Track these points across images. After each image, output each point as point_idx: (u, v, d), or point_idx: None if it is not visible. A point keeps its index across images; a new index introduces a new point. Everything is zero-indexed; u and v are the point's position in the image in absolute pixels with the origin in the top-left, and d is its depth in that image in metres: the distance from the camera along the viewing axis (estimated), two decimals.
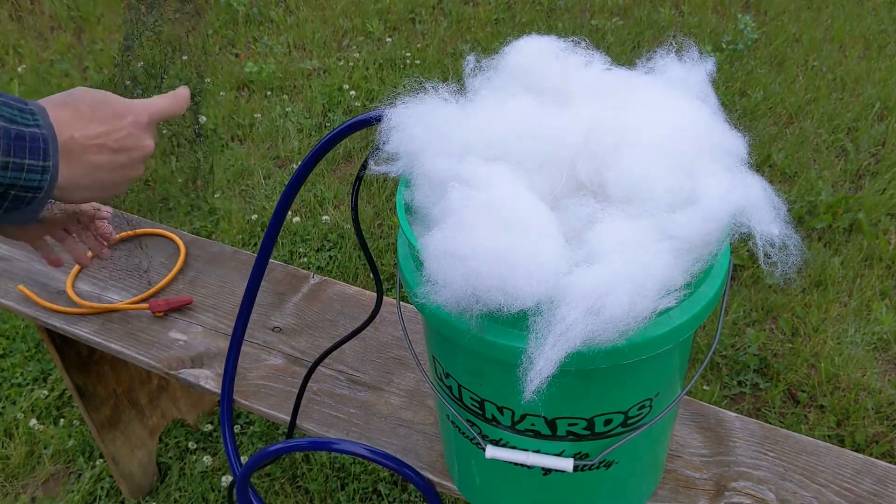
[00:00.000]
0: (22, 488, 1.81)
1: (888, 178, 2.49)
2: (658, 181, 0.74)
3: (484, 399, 0.85)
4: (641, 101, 0.80)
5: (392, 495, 1.68)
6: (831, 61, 3.07)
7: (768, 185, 0.77)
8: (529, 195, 0.75)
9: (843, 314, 2.06)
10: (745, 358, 1.93)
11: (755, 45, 3.18)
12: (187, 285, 1.41)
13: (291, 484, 1.74)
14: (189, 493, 1.76)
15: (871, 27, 3.29)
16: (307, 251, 2.39)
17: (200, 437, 1.86)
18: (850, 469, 1.06)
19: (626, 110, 0.79)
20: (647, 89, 0.83)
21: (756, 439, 1.11)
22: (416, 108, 0.81)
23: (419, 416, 1.17)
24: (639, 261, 0.71)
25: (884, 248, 2.23)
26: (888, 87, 2.89)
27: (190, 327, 1.33)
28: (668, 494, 1.05)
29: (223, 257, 1.48)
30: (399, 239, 0.86)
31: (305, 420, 1.17)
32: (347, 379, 1.24)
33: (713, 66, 0.85)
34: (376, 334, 1.30)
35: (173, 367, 1.26)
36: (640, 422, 0.86)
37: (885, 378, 1.91)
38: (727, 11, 3.43)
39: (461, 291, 0.71)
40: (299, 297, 1.39)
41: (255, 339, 1.31)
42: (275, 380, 1.24)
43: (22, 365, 2.10)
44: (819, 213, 2.34)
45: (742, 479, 1.06)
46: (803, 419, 1.82)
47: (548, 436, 0.85)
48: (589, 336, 0.69)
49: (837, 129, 2.72)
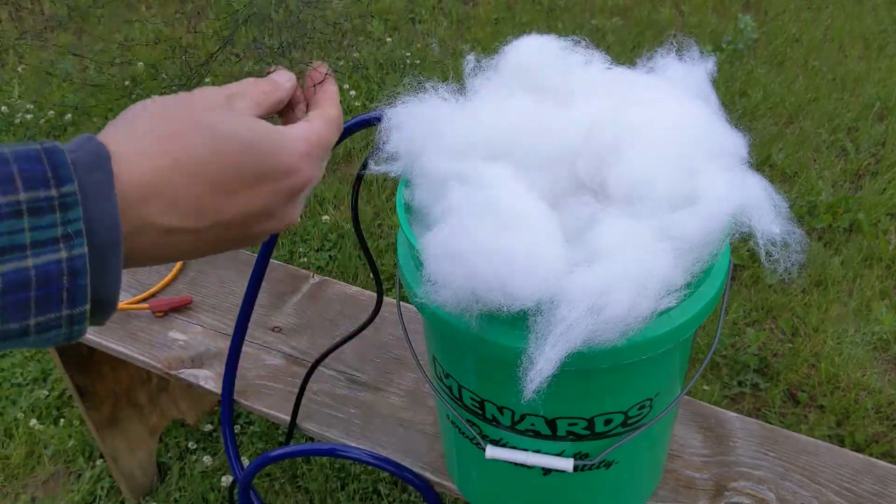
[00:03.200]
0: (22, 488, 1.81)
1: (888, 178, 2.49)
2: (658, 180, 0.74)
3: (484, 399, 0.85)
4: (642, 99, 0.80)
5: (392, 495, 1.68)
6: (831, 61, 3.07)
7: (769, 184, 0.77)
8: (530, 195, 0.75)
9: (843, 314, 2.06)
10: (745, 358, 1.93)
11: (755, 45, 3.18)
12: (187, 285, 1.41)
13: (291, 484, 1.74)
14: (189, 493, 1.76)
15: (871, 27, 3.28)
16: (307, 251, 2.39)
17: (200, 437, 1.86)
18: (850, 469, 1.06)
19: (626, 109, 0.79)
20: (648, 88, 0.83)
21: (756, 439, 1.11)
22: (416, 107, 0.81)
23: (419, 416, 1.17)
24: (639, 260, 0.71)
25: (884, 248, 2.23)
26: (888, 87, 2.89)
27: (190, 327, 1.33)
28: (668, 494, 1.05)
29: (223, 257, 1.48)
30: (399, 239, 0.86)
31: (305, 420, 1.17)
32: (347, 379, 1.24)
33: (713, 66, 0.85)
34: (376, 334, 1.30)
35: (173, 367, 1.26)
36: (640, 422, 0.86)
37: (885, 378, 1.91)
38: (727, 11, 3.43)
39: (461, 291, 0.71)
40: (299, 297, 1.39)
41: (255, 339, 1.31)
42: (275, 380, 1.24)
43: (22, 365, 2.10)
44: (819, 213, 2.34)
45: (742, 479, 1.06)
46: (803, 419, 1.82)
47: (548, 436, 0.85)
48: (589, 336, 0.69)
49: (837, 129, 2.71)
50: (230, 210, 0.44)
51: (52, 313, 0.38)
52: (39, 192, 0.36)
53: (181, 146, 0.42)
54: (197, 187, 0.42)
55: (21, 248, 0.36)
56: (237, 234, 0.47)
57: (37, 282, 0.36)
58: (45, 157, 0.37)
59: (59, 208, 0.36)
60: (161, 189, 0.41)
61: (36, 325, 0.38)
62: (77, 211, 0.37)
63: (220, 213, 0.44)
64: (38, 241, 0.36)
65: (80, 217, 0.37)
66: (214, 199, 0.43)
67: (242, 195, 0.45)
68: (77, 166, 0.38)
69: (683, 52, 0.86)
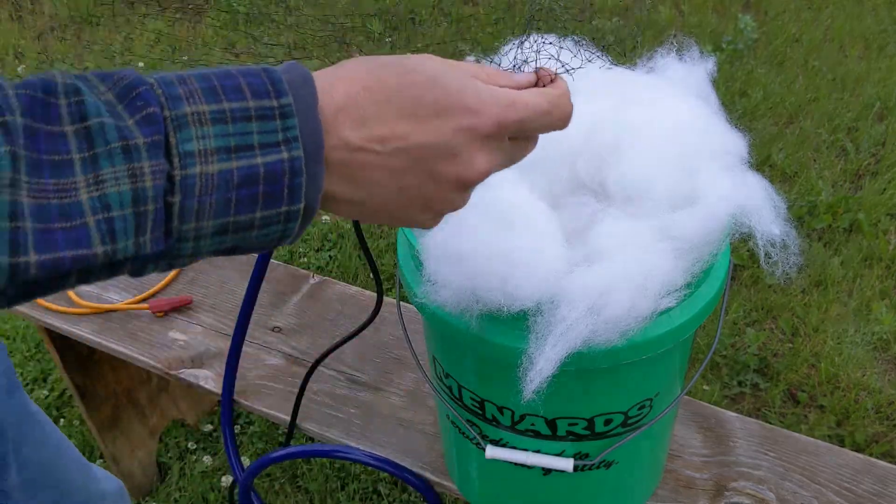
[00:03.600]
0: None
1: (888, 178, 2.49)
2: (658, 180, 0.74)
3: (484, 399, 0.85)
4: (642, 99, 0.80)
5: (392, 495, 1.68)
6: (831, 61, 3.07)
7: (768, 185, 0.77)
8: (530, 194, 0.75)
9: (843, 314, 2.06)
10: (745, 358, 1.93)
11: (755, 45, 3.18)
12: (187, 285, 1.41)
13: (291, 484, 1.74)
14: (189, 493, 1.76)
15: (871, 27, 3.28)
16: (307, 251, 2.39)
17: (200, 437, 1.86)
18: (850, 469, 1.06)
19: (626, 109, 0.79)
20: (648, 88, 0.83)
21: (756, 439, 1.11)
22: None
23: (419, 416, 1.17)
24: (639, 261, 0.71)
25: (884, 248, 2.23)
26: (888, 87, 2.89)
27: (190, 327, 1.33)
28: (668, 494, 1.05)
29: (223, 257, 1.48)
30: (399, 239, 0.86)
31: (305, 420, 1.17)
32: (347, 379, 1.24)
33: (713, 66, 0.85)
34: (376, 334, 1.30)
35: (173, 367, 1.26)
36: (640, 422, 0.86)
37: (885, 378, 1.91)
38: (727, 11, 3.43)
39: (461, 291, 0.71)
40: (299, 297, 1.39)
41: (255, 339, 1.31)
42: (275, 380, 1.24)
43: (22, 365, 2.10)
44: (819, 213, 2.34)
45: (742, 479, 1.06)
46: (803, 419, 1.82)
47: (548, 436, 0.85)
48: (589, 336, 0.69)
49: (837, 129, 2.71)
50: (413, 137, 0.46)
51: (273, 209, 0.43)
52: (263, 102, 0.42)
53: (374, 77, 0.46)
54: (383, 109, 0.46)
55: (251, 148, 0.41)
56: (421, 172, 0.48)
57: (264, 178, 0.42)
58: (264, 74, 0.43)
59: (279, 116, 0.42)
60: (351, 109, 0.45)
61: (261, 219, 0.43)
62: (293, 120, 0.42)
63: (403, 139, 0.46)
64: (265, 144, 0.41)
65: (297, 125, 0.42)
66: (399, 124, 0.46)
67: (426, 124, 0.47)
68: (290, 84, 0.43)
69: (683, 51, 0.86)
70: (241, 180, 0.41)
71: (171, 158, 0.39)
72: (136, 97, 0.40)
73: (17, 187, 0.35)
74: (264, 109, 0.42)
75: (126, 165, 0.38)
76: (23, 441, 0.87)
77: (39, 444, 0.90)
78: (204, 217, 0.41)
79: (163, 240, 0.41)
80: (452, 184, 0.49)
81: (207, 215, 0.41)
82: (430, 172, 0.48)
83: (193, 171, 0.40)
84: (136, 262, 0.41)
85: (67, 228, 0.37)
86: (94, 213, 0.38)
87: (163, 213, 0.40)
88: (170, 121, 0.40)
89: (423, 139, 0.47)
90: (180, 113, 0.40)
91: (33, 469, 0.88)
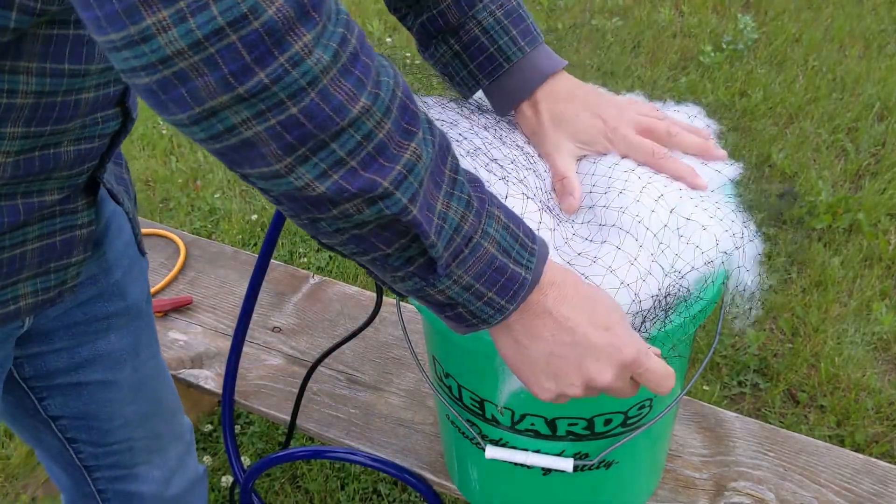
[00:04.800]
0: (22, 488, 1.81)
1: (888, 178, 2.49)
2: (649, 218, 0.74)
3: (484, 399, 0.85)
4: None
5: (392, 495, 1.68)
6: (831, 61, 3.07)
7: (752, 225, 0.76)
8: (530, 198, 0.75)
9: (843, 314, 2.06)
10: (745, 358, 1.93)
11: (755, 45, 3.18)
12: (187, 285, 1.41)
13: (291, 484, 1.74)
14: None
15: (871, 27, 3.28)
16: (307, 251, 2.39)
17: (200, 437, 1.86)
18: (850, 469, 1.06)
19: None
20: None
21: (756, 439, 1.11)
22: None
23: (419, 416, 1.17)
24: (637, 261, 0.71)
25: (884, 249, 2.23)
26: (888, 87, 2.89)
27: (190, 327, 1.34)
28: (668, 494, 1.05)
29: (223, 257, 1.48)
30: None
31: (305, 420, 1.17)
32: (347, 379, 1.24)
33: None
34: (376, 334, 1.30)
35: (173, 368, 1.26)
36: (639, 422, 0.86)
37: (885, 378, 1.91)
38: (727, 11, 3.43)
39: None
40: (299, 297, 1.39)
41: (255, 339, 1.31)
42: (275, 380, 1.24)
43: None
44: (819, 214, 2.34)
45: (742, 479, 1.06)
46: (803, 419, 1.82)
47: (548, 436, 0.85)
48: None
49: (837, 129, 2.71)
50: (583, 329, 0.63)
51: (501, 298, 0.60)
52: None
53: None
54: (576, 302, 0.64)
55: (509, 256, 0.60)
56: (573, 354, 0.64)
57: (507, 277, 0.60)
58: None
59: (530, 252, 0.61)
60: (559, 287, 0.63)
61: (487, 300, 0.60)
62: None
63: (579, 327, 0.63)
64: (517, 260, 0.60)
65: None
66: (581, 316, 0.63)
67: (596, 328, 0.64)
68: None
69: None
70: (497, 272, 0.59)
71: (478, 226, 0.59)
72: None
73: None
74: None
75: (468, 211, 0.58)
76: (145, 345, 0.98)
77: (153, 356, 1.01)
78: (466, 271, 0.58)
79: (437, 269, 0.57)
80: (584, 377, 0.64)
81: (469, 273, 0.58)
82: (578, 358, 0.64)
83: (483, 243, 0.58)
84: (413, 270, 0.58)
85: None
86: (438, 218, 0.56)
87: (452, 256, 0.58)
88: (488, 214, 0.60)
89: (590, 335, 0.63)
90: (493, 211, 0.60)
91: (143, 373, 0.98)
